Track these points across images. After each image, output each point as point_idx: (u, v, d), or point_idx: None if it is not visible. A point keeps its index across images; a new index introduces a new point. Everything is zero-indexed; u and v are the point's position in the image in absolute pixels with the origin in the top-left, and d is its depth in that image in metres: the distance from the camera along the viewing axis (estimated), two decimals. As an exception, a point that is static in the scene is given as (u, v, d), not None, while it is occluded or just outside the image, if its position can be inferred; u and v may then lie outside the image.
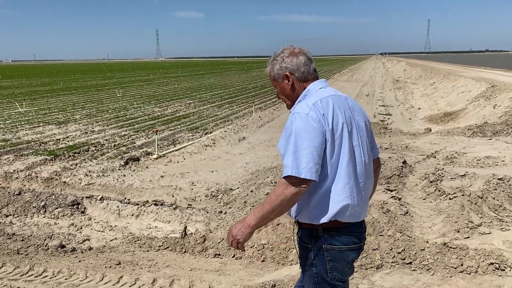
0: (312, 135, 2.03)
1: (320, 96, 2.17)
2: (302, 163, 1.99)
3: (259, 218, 2.07)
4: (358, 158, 2.15)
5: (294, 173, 1.99)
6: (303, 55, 2.28)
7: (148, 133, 13.61)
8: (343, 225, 2.13)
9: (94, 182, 7.82)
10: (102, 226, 5.98)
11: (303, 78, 2.26)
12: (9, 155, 10.46)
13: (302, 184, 1.99)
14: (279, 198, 2.01)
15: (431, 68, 34.67)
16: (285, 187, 2.00)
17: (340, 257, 2.14)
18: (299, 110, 2.12)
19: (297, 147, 2.02)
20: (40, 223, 6.16)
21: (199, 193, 7.23)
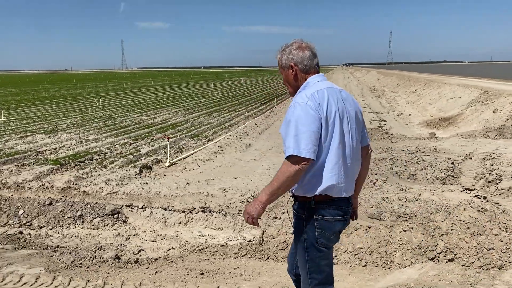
0: (310, 121, 2.35)
1: (317, 87, 2.49)
2: (302, 144, 2.31)
3: (269, 194, 2.40)
4: (347, 142, 2.48)
5: (296, 153, 2.31)
6: (309, 50, 2.59)
7: (147, 141, 13.20)
8: (332, 199, 2.48)
9: (117, 190, 7.41)
10: (152, 235, 5.63)
11: (305, 70, 2.58)
12: (9, 165, 9.84)
13: (303, 162, 2.32)
14: (284, 175, 2.33)
15: (408, 77, 35.59)
16: (289, 166, 2.33)
17: (328, 227, 2.51)
18: (299, 100, 2.44)
19: (297, 131, 2.34)
20: (81, 234, 5.75)
21: (233, 200, 6.97)
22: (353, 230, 4.51)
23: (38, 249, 5.29)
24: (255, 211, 2.44)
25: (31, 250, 5.21)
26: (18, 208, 6.46)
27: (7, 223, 6.17)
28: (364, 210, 4.79)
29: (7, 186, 7.82)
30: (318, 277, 2.58)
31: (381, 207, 4.87)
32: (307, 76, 2.59)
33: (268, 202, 2.44)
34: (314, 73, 2.60)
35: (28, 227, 6.02)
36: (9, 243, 5.44)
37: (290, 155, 2.33)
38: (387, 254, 4.25)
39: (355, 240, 4.42)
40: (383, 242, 4.32)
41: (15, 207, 6.56)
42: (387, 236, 4.31)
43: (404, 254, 4.17)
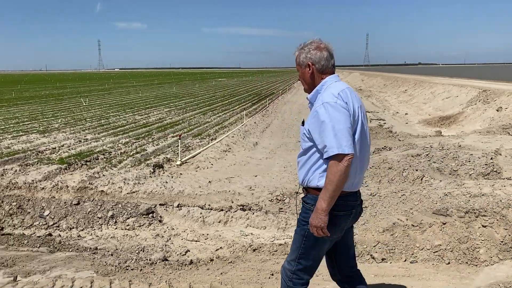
0: (344, 118, 2.42)
1: (340, 88, 2.56)
2: (343, 142, 2.37)
3: (327, 200, 2.41)
4: (364, 140, 2.57)
5: (340, 151, 2.36)
6: (326, 51, 2.63)
7: (149, 140, 12.84)
8: (342, 194, 2.47)
9: (137, 190, 7.10)
10: (193, 235, 5.36)
11: (322, 70, 2.62)
12: (11, 164, 9.37)
13: (348, 157, 2.37)
14: (336, 176, 2.37)
15: (395, 78, 35.96)
16: (337, 165, 2.37)
17: (334, 221, 2.50)
18: (329, 100, 2.48)
19: (335, 130, 2.38)
20: (116, 235, 5.44)
21: (261, 198, 6.76)
22: (427, 227, 4.38)
23: (75, 251, 4.96)
24: (321, 221, 2.45)
25: (68, 253, 4.88)
26: (43, 209, 6.09)
27: (33, 225, 5.81)
28: (428, 206, 4.67)
29: (18, 186, 7.42)
30: (304, 264, 2.66)
31: (446, 202, 4.76)
32: (323, 76, 2.64)
33: (329, 207, 2.44)
34: (330, 73, 2.65)
35: (57, 229, 5.67)
36: (43, 245, 5.10)
37: (335, 155, 2.38)
38: (469, 250, 4.12)
39: (431, 237, 4.29)
40: (463, 239, 4.20)
41: (39, 207, 6.19)
42: (466, 232, 4.19)
43: (488, 250, 4.07)
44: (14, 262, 4.40)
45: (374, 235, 4.52)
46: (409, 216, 4.68)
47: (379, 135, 12.75)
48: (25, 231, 5.61)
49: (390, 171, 6.40)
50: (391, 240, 4.41)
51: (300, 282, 2.69)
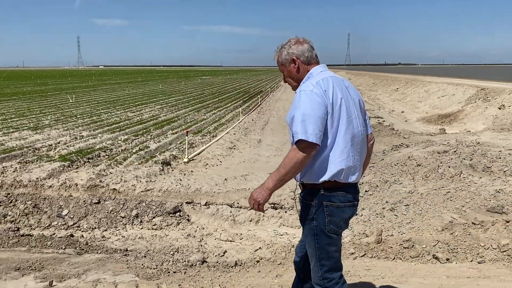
0: (316, 107, 2.36)
1: (322, 76, 2.51)
2: (309, 129, 2.30)
3: (276, 180, 2.38)
4: (355, 128, 2.48)
5: (304, 137, 2.29)
6: (307, 43, 2.62)
7: (148, 137, 12.48)
8: (341, 186, 2.46)
9: (151, 188, 6.79)
10: (227, 235, 5.09)
11: (307, 61, 2.59)
12: (9, 162, 8.93)
13: (310, 147, 2.30)
14: (292, 161, 2.31)
15: (385, 76, 36.16)
16: (297, 152, 2.31)
17: (337, 213, 2.48)
18: (305, 88, 2.45)
19: (304, 116, 2.33)
20: (145, 235, 5.13)
21: (283, 196, 6.52)
22: (490, 225, 4.22)
23: (104, 253, 4.64)
24: (262, 197, 2.43)
25: (97, 255, 4.55)
26: (61, 208, 5.73)
27: (51, 225, 5.45)
28: (481, 204, 4.53)
29: (23, 184, 7.01)
30: (327, 264, 2.57)
31: (500, 200, 4.62)
32: (309, 68, 2.61)
33: (275, 188, 2.42)
34: (315, 64, 2.62)
35: (78, 229, 5.32)
36: (68, 247, 4.74)
37: (298, 140, 2.32)
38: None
39: (495, 236, 4.13)
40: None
41: (56, 206, 5.82)
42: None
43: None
44: (42, 265, 4.06)
45: (433, 234, 4.35)
46: (461, 214, 4.53)
47: (382, 133, 12.67)
48: (43, 232, 5.25)
49: (420, 168, 6.26)
50: (452, 239, 4.24)
51: (333, 282, 2.59)
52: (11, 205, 5.74)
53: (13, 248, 4.75)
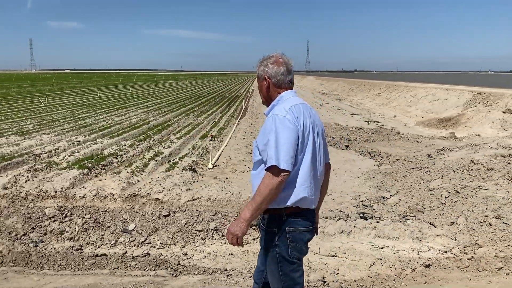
0: (289, 133, 2.36)
1: (293, 102, 2.53)
2: (281, 155, 2.30)
3: (252, 210, 2.33)
4: (317, 157, 2.54)
5: (276, 163, 2.29)
6: (284, 66, 2.62)
7: (151, 142, 11.76)
8: (301, 211, 2.47)
9: (198, 197, 6.21)
10: (325, 250, 4.59)
11: (278, 85, 2.62)
12: (16, 169, 8.07)
13: (283, 173, 2.30)
14: (267, 188, 2.29)
15: (361, 82, 36.61)
16: (271, 178, 2.31)
17: (299, 238, 2.49)
18: (278, 112, 2.45)
19: (277, 143, 2.33)
20: (234, 251, 4.54)
21: (344, 203, 6.16)
22: None
23: (202, 273, 4.06)
24: (239, 230, 2.36)
25: (196, 276, 3.96)
26: (125, 222, 5.05)
27: (118, 241, 4.75)
28: None
29: (50, 195, 6.25)
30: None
31: None
32: (279, 91, 2.63)
33: (252, 219, 2.37)
34: (286, 88, 2.64)
35: (150, 246, 4.67)
36: (158, 268, 4.11)
37: (271, 166, 2.32)
38: None
39: None
40: None
41: (120, 220, 5.12)
42: None
43: None
44: (142, 291, 3.45)
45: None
46: None
47: (391, 137, 12.57)
48: (111, 250, 4.57)
49: (494, 172, 6.07)
50: None
51: None
52: (66, 219, 5.00)
53: (92, 271, 4.10)
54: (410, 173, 6.98)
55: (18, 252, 4.47)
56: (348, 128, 14.06)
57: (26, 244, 4.61)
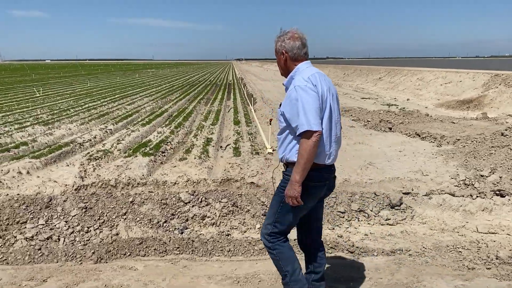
0: (312, 99, 2.67)
1: (310, 72, 2.82)
2: (312, 120, 2.61)
3: (300, 172, 2.66)
4: (334, 118, 2.83)
5: (309, 128, 2.60)
6: (299, 41, 2.88)
7: (188, 129, 11.45)
8: (317, 167, 2.74)
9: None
10: (487, 228, 4.48)
11: (295, 58, 2.88)
12: (71, 158, 7.69)
13: (315, 134, 2.61)
14: (306, 151, 2.62)
15: (354, 68, 36.81)
16: (306, 142, 2.62)
17: (309, 191, 2.75)
18: (299, 83, 2.74)
19: (305, 109, 2.64)
20: (393, 231, 4.39)
21: (444, 183, 6.11)
22: None
23: (381, 254, 3.89)
24: (296, 192, 2.68)
25: (380, 257, 3.80)
26: (264, 205, 4.80)
27: None
28: None
29: (140, 182, 5.94)
30: (280, 228, 2.92)
31: None
32: (296, 63, 2.88)
33: (302, 179, 2.68)
34: (302, 60, 2.89)
35: None
36: (333, 250, 3.90)
37: (304, 131, 2.62)
38: None
39: None
40: None
41: (258, 203, 4.87)
42: None
43: None
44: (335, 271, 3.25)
45: None
46: None
47: (422, 119, 12.64)
48: (254, 235, 4.34)
49: None
50: None
51: (277, 239, 2.94)
52: (203, 204, 4.73)
53: (263, 256, 3.91)
54: (494, 152, 7.01)
55: (179, 240, 4.21)
56: (376, 111, 14.07)
57: (170, 231, 4.34)
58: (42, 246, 3.97)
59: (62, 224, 4.22)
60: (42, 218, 4.29)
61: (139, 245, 4.09)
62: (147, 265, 3.82)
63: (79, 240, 4.10)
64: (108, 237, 4.18)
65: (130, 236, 4.24)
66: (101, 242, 4.12)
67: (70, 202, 4.54)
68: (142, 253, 4.01)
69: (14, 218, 4.24)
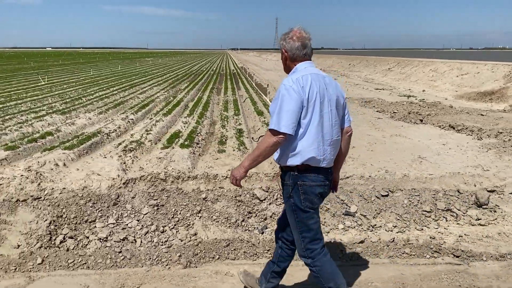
0: (293, 101, 2.66)
1: (303, 73, 2.79)
2: (283, 121, 2.63)
3: (250, 160, 2.75)
4: (326, 122, 2.78)
5: (276, 128, 2.65)
6: (299, 41, 2.87)
7: (212, 119, 11.11)
8: (312, 168, 2.79)
9: (350, 174, 5.76)
10: None
11: (293, 58, 2.91)
12: (102, 149, 7.34)
13: (279, 135, 2.64)
14: (264, 145, 2.68)
15: (360, 58, 36.41)
16: (269, 137, 2.67)
17: (310, 191, 2.83)
18: (285, 82, 2.76)
19: (281, 109, 2.66)
20: (489, 233, 4.12)
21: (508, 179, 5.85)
22: None
23: (491, 259, 3.63)
24: (239, 175, 2.80)
25: (493, 262, 3.54)
26: (344, 204, 4.50)
27: (346, 226, 4.17)
28: None
29: (190, 176, 5.62)
30: (308, 235, 2.93)
31: None
32: (295, 63, 2.91)
33: (250, 167, 2.79)
34: (301, 60, 2.90)
35: (377, 229, 4.17)
36: (438, 255, 3.61)
37: (270, 129, 2.68)
38: None
39: None
40: None
41: (337, 202, 4.57)
42: None
43: None
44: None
45: None
46: None
47: (448, 111, 12.38)
48: (337, 236, 4.04)
49: None
50: None
51: (316, 252, 2.93)
52: (279, 201, 4.41)
53: (376, 258, 3.62)
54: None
55: (269, 241, 3.90)
56: (399, 102, 13.79)
57: (250, 231, 4.03)
58: (122, 248, 3.64)
59: (134, 223, 3.89)
60: (111, 217, 3.96)
61: (227, 247, 3.79)
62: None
63: (157, 241, 3.78)
64: (187, 238, 3.86)
65: (214, 237, 3.93)
66: (185, 244, 3.81)
67: (139, 199, 4.21)
68: (232, 257, 3.70)
69: (81, 216, 3.91)
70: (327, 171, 2.89)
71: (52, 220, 3.79)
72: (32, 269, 3.36)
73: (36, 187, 5.08)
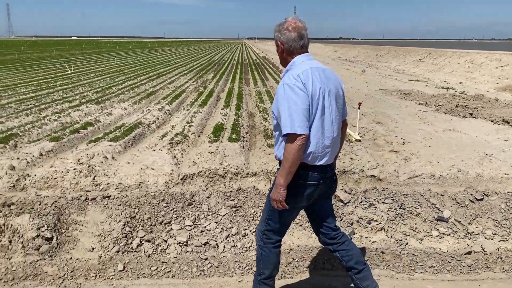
0: (300, 100, 2.59)
1: (302, 68, 2.69)
2: (296, 122, 2.55)
3: (284, 176, 2.62)
4: (327, 117, 2.70)
5: (292, 131, 2.55)
6: (296, 32, 2.74)
7: (256, 111, 10.77)
8: (308, 166, 2.70)
9: (419, 174, 5.36)
10: None
11: (290, 50, 2.78)
12: (147, 142, 7.08)
13: (300, 137, 2.55)
14: (291, 154, 2.57)
15: (388, 49, 35.61)
16: (291, 144, 2.57)
17: (296, 189, 2.72)
18: (287, 81, 2.66)
19: (290, 110, 2.57)
20: None
21: None
22: None
23: None
24: (280, 196, 2.64)
25: None
26: (435, 208, 4.15)
27: (441, 233, 3.82)
28: None
29: (249, 172, 5.30)
30: (273, 226, 2.88)
31: None
32: (292, 56, 2.78)
33: (287, 183, 2.62)
34: (298, 53, 2.77)
35: (476, 238, 3.82)
36: None
37: (287, 134, 2.55)
38: None
39: None
40: None
41: (428, 206, 4.22)
42: None
43: None
44: None
45: None
46: None
47: (493, 104, 11.81)
48: (442, 244, 3.69)
49: None
50: None
51: (269, 241, 2.92)
52: (365, 205, 4.10)
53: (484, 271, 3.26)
54: None
55: (367, 250, 3.57)
56: (441, 95, 13.25)
57: None
58: (206, 254, 3.35)
59: (212, 226, 3.60)
60: (188, 218, 3.68)
61: (320, 256, 3.46)
62: (344, 283, 3.15)
63: (240, 247, 3.48)
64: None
65: (303, 244, 3.61)
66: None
67: (215, 199, 3.92)
68: (329, 267, 3.38)
69: (156, 217, 3.63)
70: (325, 169, 2.79)
71: (126, 222, 3.52)
72: (114, 276, 3.10)
73: (91, 181, 4.84)
